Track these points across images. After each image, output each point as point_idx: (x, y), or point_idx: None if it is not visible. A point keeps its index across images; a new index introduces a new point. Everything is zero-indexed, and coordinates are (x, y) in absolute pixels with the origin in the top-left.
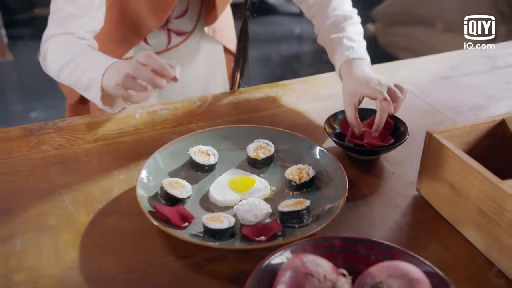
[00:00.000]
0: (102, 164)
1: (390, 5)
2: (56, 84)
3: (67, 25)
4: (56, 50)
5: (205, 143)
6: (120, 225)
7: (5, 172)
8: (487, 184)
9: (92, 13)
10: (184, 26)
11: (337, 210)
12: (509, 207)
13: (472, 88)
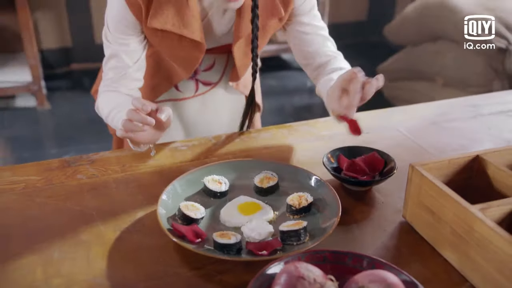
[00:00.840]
0: (128, 191)
1: (395, 62)
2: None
3: (110, 84)
4: (102, 105)
5: (218, 173)
6: (142, 241)
7: (47, 196)
8: (459, 208)
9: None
10: (211, 78)
11: (331, 230)
12: (477, 227)
13: (457, 132)
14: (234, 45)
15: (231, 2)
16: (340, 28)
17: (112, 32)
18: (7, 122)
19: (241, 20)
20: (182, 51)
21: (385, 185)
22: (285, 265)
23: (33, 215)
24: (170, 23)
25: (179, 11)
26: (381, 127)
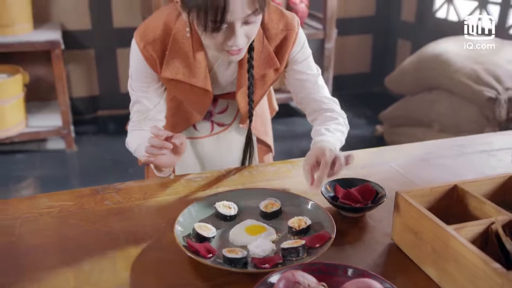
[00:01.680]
0: (149, 215)
1: (395, 109)
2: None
3: (137, 125)
4: (131, 142)
5: (228, 200)
6: (161, 256)
7: (79, 219)
8: (437, 228)
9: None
10: (224, 120)
11: (326, 248)
12: (452, 244)
13: (444, 168)
14: (237, 93)
15: (233, 56)
16: (345, 79)
17: (134, 81)
18: (39, 163)
19: (242, 71)
20: (194, 97)
21: (376, 212)
22: (283, 273)
23: (66, 235)
24: (180, 73)
25: (187, 64)
26: (375, 163)
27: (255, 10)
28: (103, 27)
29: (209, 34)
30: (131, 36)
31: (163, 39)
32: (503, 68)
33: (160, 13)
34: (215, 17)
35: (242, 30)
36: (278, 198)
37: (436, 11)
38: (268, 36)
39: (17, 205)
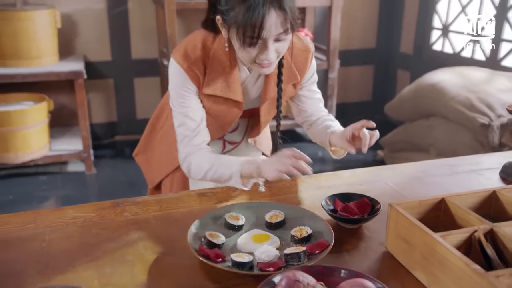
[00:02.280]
0: (164, 225)
1: (394, 135)
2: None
3: (191, 144)
4: (198, 163)
5: (236, 211)
6: (175, 261)
7: (100, 228)
8: (425, 236)
9: (200, 130)
10: (235, 138)
11: (325, 254)
12: (438, 250)
13: (435, 186)
14: (262, 106)
15: (264, 68)
16: (348, 107)
17: (177, 99)
18: (60, 184)
19: (268, 86)
20: (226, 110)
21: (372, 224)
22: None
23: (90, 242)
24: (218, 89)
25: (224, 79)
26: (372, 180)
27: (286, 30)
28: (122, 58)
29: (245, 49)
30: (148, 66)
31: (204, 58)
32: (495, 97)
33: (196, 36)
34: (252, 33)
35: (274, 46)
36: (282, 210)
37: (432, 44)
38: (293, 55)
39: (46, 215)
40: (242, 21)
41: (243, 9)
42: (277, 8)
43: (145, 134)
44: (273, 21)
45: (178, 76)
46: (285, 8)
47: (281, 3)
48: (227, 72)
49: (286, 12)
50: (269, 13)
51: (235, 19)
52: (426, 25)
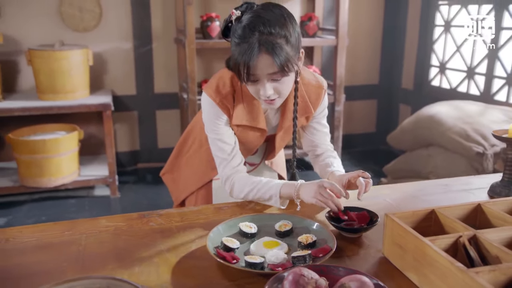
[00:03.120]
0: (186, 233)
1: (396, 163)
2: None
3: (230, 166)
4: (240, 185)
5: (250, 221)
6: (195, 263)
7: (129, 235)
8: (417, 241)
9: (236, 152)
10: (254, 160)
11: (327, 257)
12: (428, 252)
13: (431, 203)
14: (278, 134)
15: (267, 104)
16: (353, 138)
17: (212, 128)
18: (87, 206)
19: (285, 117)
20: (252, 136)
21: (371, 234)
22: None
23: (120, 246)
24: (245, 119)
25: (250, 110)
26: (373, 197)
27: (276, 72)
28: (146, 92)
29: (249, 85)
30: (169, 100)
31: (232, 93)
32: (489, 128)
33: (224, 74)
34: (247, 71)
35: (271, 85)
36: (290, 221)
37: (431, 80)
38: (306, 90)
39: (82, 224)
40: (239, 60)
41: (240, 50)
42: (265, 52)
43: (172, 156)
44: (264, 62)
45: (211, 108)
46: (273, 54)
47: (271, 48)
48: (251, 104)
49: (273, 57)
50: (260, 55)
51: (235, 58)
52: (425, 63)
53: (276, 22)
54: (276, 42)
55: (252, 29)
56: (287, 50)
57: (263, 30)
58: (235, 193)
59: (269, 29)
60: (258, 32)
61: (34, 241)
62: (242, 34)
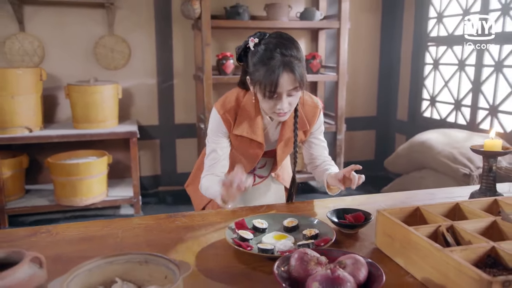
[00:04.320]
0: (206, 229)
1: (393, 186)
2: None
3: (209, 170)
4: (205, 183)
5: (261, 219)
6: (215, 251)
7: (159, 231)
8: (403, 230)
9: (221, 161)
10: (263, 173)
11: (328, 245)
12: (413, 238)
13: None
14: (278, 145)
15: (280, 117)
16: None
17: (211, 137)
18: None
19: (284, 130)
20: (250, 149)
21: (365, 230)
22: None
23: (151, 239)
24: (245, 131)
25: (250, 125)
26: (369, 203)
27: (295, 87)
28: (167, 123)
29: (266, 100)
30: (188, 130)
31: (236, 108)
32: None
33: (233, 92)
34: (271, 88)
35: (287, 99)
36: (296, 218)
37: (423, 112)
38: (304, 109)
39: (118, 222)
40: (263, 79)
41: (264, 71)
42: (288, 71)
43: (194, 171)
44: (285, 80)
45: (215, 120)
46: (295, 71)
47: (291, 68)
48: (252, 119)
49: (295, 74)
50: (282, 75)
51: (259, 78)
52: (417, 96)
53: (292, 46)
54: (295, 62)
55: (275, 50)
56: (302, 69)
57: (284, 51)
58: (201, 188)
59: (289, 51)
60: (280, 54)
61: (79, 234)
62: (264, 56)
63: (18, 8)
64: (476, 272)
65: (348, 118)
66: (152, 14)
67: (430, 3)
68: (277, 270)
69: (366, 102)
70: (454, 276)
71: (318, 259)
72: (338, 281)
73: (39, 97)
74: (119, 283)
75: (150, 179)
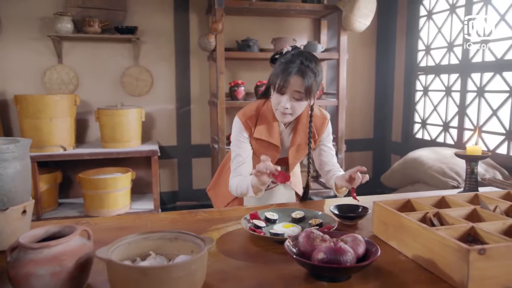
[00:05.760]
0: (224, 222)
1: None
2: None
3: (235, 172)
4: (234, 182)
5: (273, 211)
6: (233, 238)
7: (182, 223)
8: (396, 216)
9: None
10: None
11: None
12: (404, 222)
13: None
14: (290, 149)
15: (283, 116)
16: None
17: (235, 143)
18: None
19: (295, 136)
20: (268, 151)
21: (364, 221)
22: None
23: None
24: (264, 135)
25: (268, 129)
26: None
27: (300, 93)
28: (184, 144)
29: (275, 94)
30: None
31: (256, 116)
32: (461, 167)
33: (252, 104)
34: (280, 82)
35: (289, 100)
36: (303, 211)
37: (415, 133)
38: (314, 120)
39: (146, 216)
40: (278, 73)
41: (282, 68)
42: (300, 75)
43: (215, 177)
44: (295, 81)
45: (238, 126)
46: (305, 79)
47: (304, 75)
48: (270, 125)
49: (304, 81)
50: (293, 76)
51: (275, 72)
52: (409, 120)
53: (313, 60)
54: (309, 72)
55: (297, 58)
56: (313, 82)
57: (304, 61)
58: (231, 188)
59: (308, 63)
60: (300, 61)
61: (114, 224)
62: (289, 59)
63: (58, 43)
64: (457, 243)
65: (348, 140)
66: (173, 47)
67: (418, 37)
68: (287, 245)
69: (364, 125)
70: (439, 250)
71: (323, 236)
72: (340, 251)
73: (73, 120)
74: (152, 255)
75: (169, 194)
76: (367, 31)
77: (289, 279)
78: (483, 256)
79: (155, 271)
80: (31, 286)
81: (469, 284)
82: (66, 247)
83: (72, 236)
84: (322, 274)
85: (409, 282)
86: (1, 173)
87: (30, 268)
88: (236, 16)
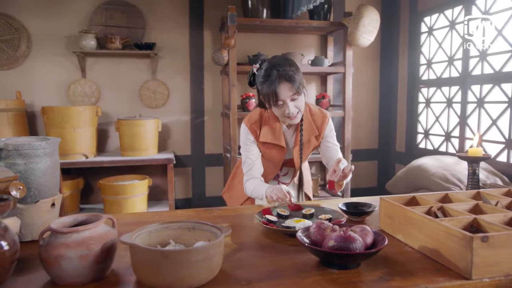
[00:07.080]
0: (238, 217)
1: None
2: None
3: (248, 174)
4: (249, 186)
5: (284, 208)
6: (246, 231)
7: (198, 219)
8: (401, 209)
9: (255, 165)
10: (285, 180)
11: None
12: (410, 215)
13: None
14: (294, 149)
15: (291, 120)
16: (359, 191)
17: (244, 147)
18: None
19: (297, 136)
20: (275, 153)
21: (371, 218)
22: None
23: None
24: (269, 138)
25: (272, 132)
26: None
27: (295, 92)
28: (198, 153)
29: (275, 108)
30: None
31: (260, 121)
32: (463, 174)
33: (255, 110)
34: (272, 98)
35: (292, 104)
36: (313, 208)
37: (418, 143)
38: (313, 118)
39: (165, 213)
40: (266, 92)
41: (266, 86)
42: (284, 81)
43: (229, 180)
44: (284, 89)
45: (244, 131)
46: (290, 80)
47: (287, 78)
48: (273, 128)
49: (291, 82)
50: (280, 84)
51: (263, 92)
52: (413, 130)
53: (286, 63)
54: (288, 72)
55: (272, 69)
56: (297, 77)
57: (279, 68)
58: (246, 191)
59: (282, 67)
60: (276, 70)
61: (135, 220)
62: (265, 74)
63: (82, 59)
64: (461, 232)
65: (354, 150)
66: (188, 62)
67: (420, 52)
68: (299, 236)
69: (369, 136)
70: (444, 239)
71: (333, 227)
72: (350, 239)
73: (94, 129)
74: (172, 243)
75: (183, 201)
76: (371, 46)
77: (301, 267)
78: (486, 243)
79: (175, 254)
80: (61, 267)
81: (472, 271)
82: (93, 233)
83: (98, 223)
84: (333, 261)
85: (415, 270)
86: (33, 168)
87: (61, 250)
88: (248, 32)
